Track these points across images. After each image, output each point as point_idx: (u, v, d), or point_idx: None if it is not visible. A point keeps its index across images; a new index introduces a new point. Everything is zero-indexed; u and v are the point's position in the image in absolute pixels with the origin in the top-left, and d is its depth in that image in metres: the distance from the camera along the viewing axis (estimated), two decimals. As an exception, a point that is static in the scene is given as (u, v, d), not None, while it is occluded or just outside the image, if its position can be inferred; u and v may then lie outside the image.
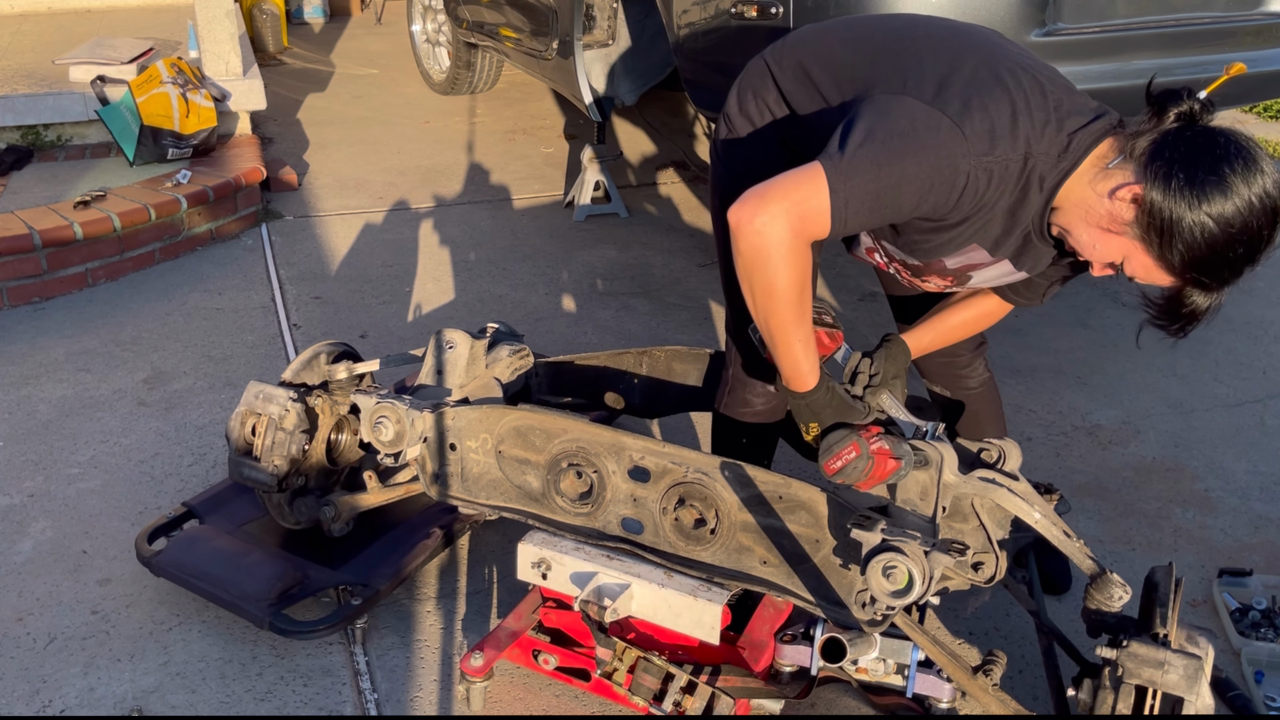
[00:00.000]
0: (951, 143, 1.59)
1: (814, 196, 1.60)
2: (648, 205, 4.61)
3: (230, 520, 2.44)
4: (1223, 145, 1.52)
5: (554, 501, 2.09)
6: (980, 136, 1.60)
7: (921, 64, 1.70)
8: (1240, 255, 1.53)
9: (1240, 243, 1.52)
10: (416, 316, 3.63)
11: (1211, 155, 1.51)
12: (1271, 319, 3.73)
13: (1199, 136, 1.54)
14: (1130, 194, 1.56)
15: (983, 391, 2.29)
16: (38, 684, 2.13)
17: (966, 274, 1.86)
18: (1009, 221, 1.71)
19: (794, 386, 1.80)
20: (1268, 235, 1.52)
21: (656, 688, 1.94)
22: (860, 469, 1.69)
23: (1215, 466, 2.91)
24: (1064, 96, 1.68)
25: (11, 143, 4.42)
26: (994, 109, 1.62)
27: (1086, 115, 1.66)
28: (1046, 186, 1.65)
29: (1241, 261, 1.54)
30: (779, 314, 1.69)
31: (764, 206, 1.61)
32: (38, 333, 3.45)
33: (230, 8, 4.57)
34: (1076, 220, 1.65)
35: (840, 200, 1.60)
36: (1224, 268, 1.54)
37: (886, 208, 1.64)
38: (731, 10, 3.17)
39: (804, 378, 1.78)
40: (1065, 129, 1.64)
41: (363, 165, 4.95)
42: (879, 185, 1.60)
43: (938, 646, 1.87)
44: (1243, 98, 3.72)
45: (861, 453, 1.69)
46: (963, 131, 1.59)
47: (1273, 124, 5.86)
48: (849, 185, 1.59)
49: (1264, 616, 2.33)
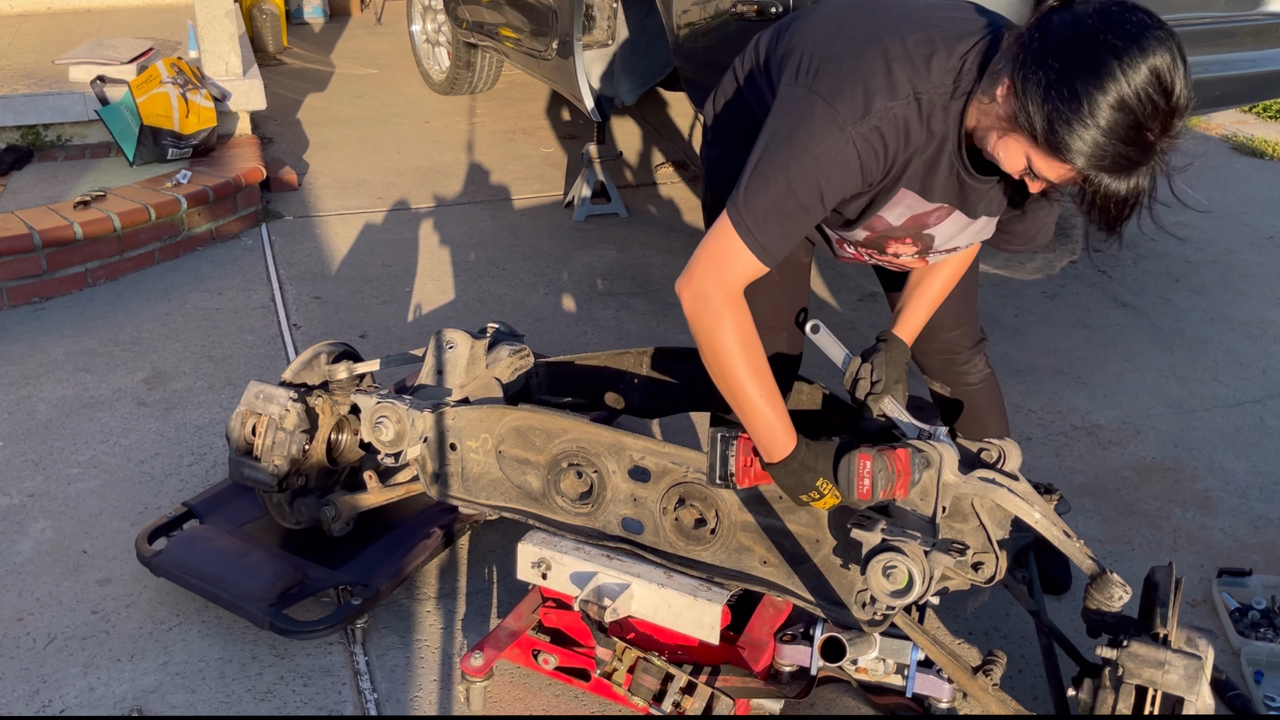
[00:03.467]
0: (825, 124, 1.61)
1: (727, 246, 1.68)
2: (648, 205, 4.61)
3: (230, 520, 2.44)
4: (1090, 22, 1.45)
5: (554, 501, 2.09)
6: (852, 105, 1.60)
7: (828, 49, 1.69)
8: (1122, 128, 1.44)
9: (1117, 119, 1.43)
10: (416, 316, 3.63)
11: (1077, 33, 1.45)
12: (1271, 319, 3.73)
13: (1067, 16, 1.47)
14: (1005, 88, 1.52)
15: (984, 388, 2.28)
16: (38, 684, 2.13)
17: (922, 230, 1.82)
18: (931, 162, 1.69)
19: (775, 456, 1.75)
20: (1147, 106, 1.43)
21: (656, 688, 1.94)
22: (884, 474, 1.67)
23: (1215, 466, 2.91)
24: (955, 23, 1.63)
25: (11, 143, 4.42)
26: (866, 70, 1.61)
27: (977, 34, 1.62)
28: (952, 115, 1.62)
29: (1127, 135, 1.44)
30: (734, 371, 1.71)
31: (691, 278, 1.71)
32: (38, 333, 3.45)
33: (230, 8, 4.57)
34: (982, 135, 1.61)
35: (747, 234, 1.66)
36: (1111, 146, 1.45)
37: (794, 215, 1.66)
38: (731, 10, 3.18)
39: (780, 441, 1.74)
40: (956, 53, 1.61)
41: (362, 165, 4.95)
42: (773, 199, 1.64)
43: (938, 646, 1.87)
44: (1243, 98, 3.72)
45: (873, 458, 1.67)
46: (834, 107, 1.60)
47: (1273, 124, 5.86)
48: (750, 216, 1.66)
49: (1263, 616, 2.33)
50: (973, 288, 2.22)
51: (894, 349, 1.98)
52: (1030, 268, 4.04)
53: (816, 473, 1.75)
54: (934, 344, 2.20)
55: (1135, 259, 4.16)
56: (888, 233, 1.84)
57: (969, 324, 2.22)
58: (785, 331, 2.19)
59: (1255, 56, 3.31)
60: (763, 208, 1.65)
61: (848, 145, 1.61)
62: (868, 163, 1.64)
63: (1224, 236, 4.39)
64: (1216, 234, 4.41)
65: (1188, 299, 3.85)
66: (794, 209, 1.65)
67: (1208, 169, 5.14)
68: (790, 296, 2.16)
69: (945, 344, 2.21)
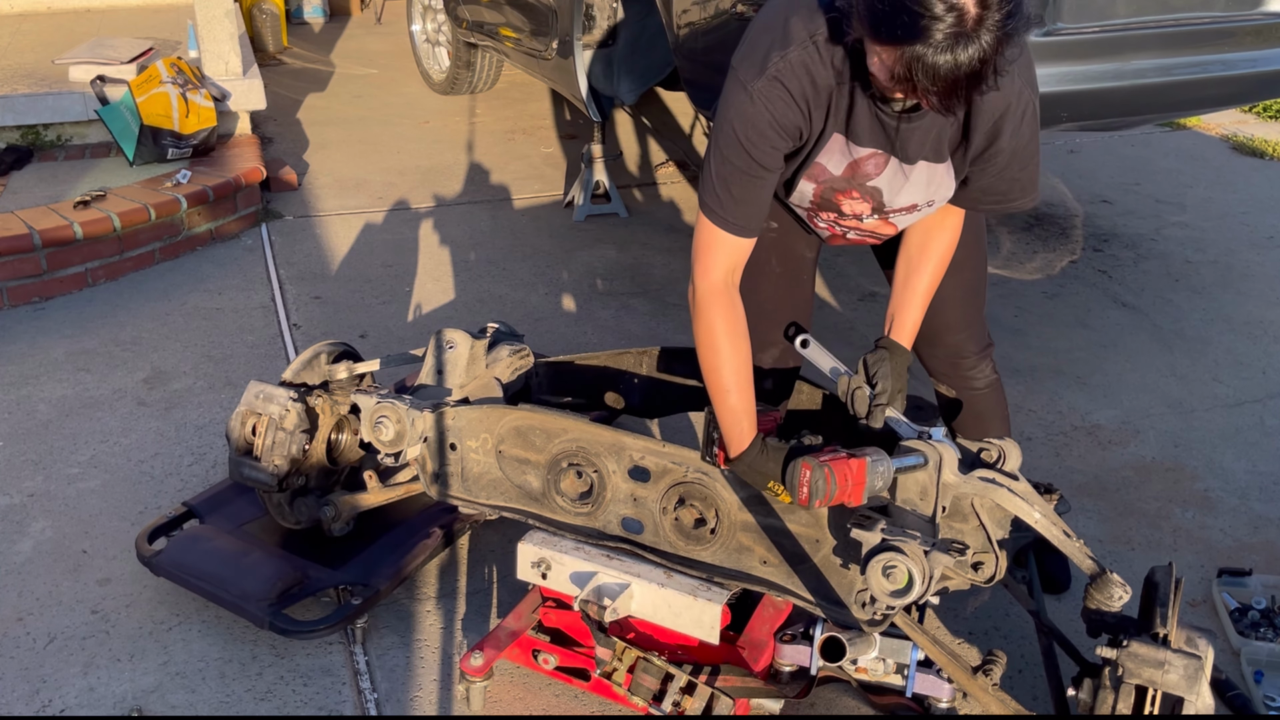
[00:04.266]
0: (733, 90, 1.73)
1: (705, 233, 1.82)
2: (648, 205, 4.61)
3: (230, 520, 2.44)
4: None
5: (554, 501, 2.09)
6: (751, 65, 1.71)
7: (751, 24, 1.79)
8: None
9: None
10: (416, 316, 3.63)
11: None
12: (1271, 319, 3.73)
13: None
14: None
15: (989, 393, 2.27)
16: (38, 684, 2.13)
17: (865, 182, 1.84)
18: (849, 103, 1.73)
19: (733, 451, 1.86)
20: None
21: (656, 688, 1.94)
22: (822, 482, 1.69)
23: (1215, 466, 2.91)
24: None
25: (11, 143, 4.42)
26: (767, 31, 1.72)
27: None
28: (849, 47, 1.64)
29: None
30: (715, 363, 1.83)
31: (691, 277, 1.85)
32: (38, 333, 3.45)
33: (230, 8, 4.57)
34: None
35: (711, 213, 1.80)
36: (894, 12, 1.45)
37: (738, 180, 1.77)
38: (731, 10, 3.17)
39: (738, 438, 1.84)
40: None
41: (362, 165, 4.95)
42: (717, 173, 1.78)
43: (938, 646, 1.87)
44: (1243, 98, 3.72)
45: (813, 467, 1.69)
46: (738, 73, 1.73)
47: (1273, 124, 5.86)
48: (709, 196, 1.80)
49: (1263, 616, 2.33)
50: (980, 292, 2.21)
51: (897, 357, 1.97)
52: (1030, 268, 4.04)
53: (766, 475, 1.83)
54: (939, 347, 2.20)
55: (1135, 259, 4.16)
56: (832, 184, 1.87)
57: (975, 328, 2.22)
58: (789, 323, 2.19)
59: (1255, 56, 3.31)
60: (713, 184, 1.79)
61: (752, 102, 1.71)
62: (778, 113, 1.72)
63: (1224, 236, 4.39)
64: (1216, 234, 4.41)
65: (1188, 299, 3.85)
66: (734, 174, 1.77)
67: (1208, 169, 5.14)
68: (791, 289, 2.17)
69: (951, 347, 2.20)
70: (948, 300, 2.10)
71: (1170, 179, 4.99)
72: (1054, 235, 4.33)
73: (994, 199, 1.90)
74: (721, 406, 1.84)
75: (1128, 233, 4.39)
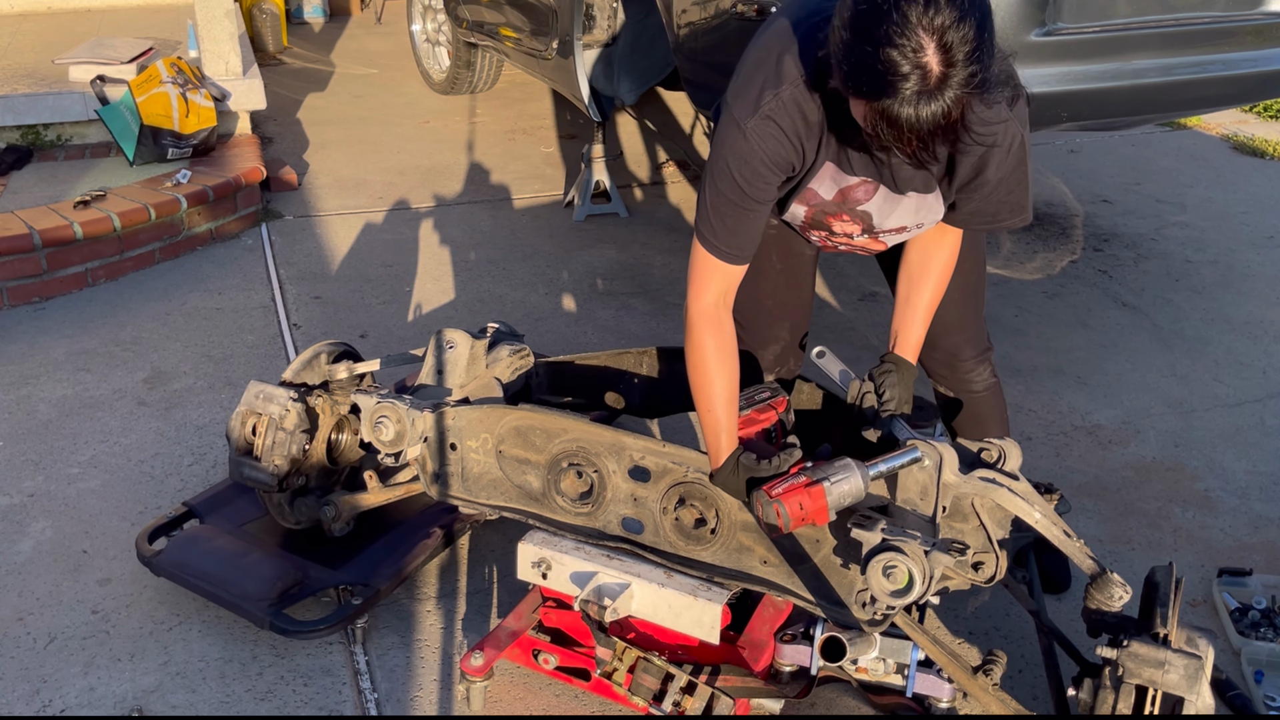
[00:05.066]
0: (728, 127, 1.76)
1: (698, 259, 1.85)
2: (648, 205, 4.61)
3: (230, 520, 2.44)
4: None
5: (554, 501, 2.09)
6: (745, 102, 1.73)
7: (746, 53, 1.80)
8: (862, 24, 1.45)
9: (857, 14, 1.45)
10: (416, 316, 3.63)
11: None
12: (1271, 319, 3.73)
13: None
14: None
15: (987, 395, 2.28)
16: (38, 684, 2.13)
17: (855, 206, 1.87)
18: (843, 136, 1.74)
19: (711, 464, 1.92)
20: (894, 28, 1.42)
21: (656, 688, 1.94)
22: (773, 516, 1.73)
23: (1215, 466, 2.91)
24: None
25: (11, 142, 4.42)
26: (761, 67, 1.73)
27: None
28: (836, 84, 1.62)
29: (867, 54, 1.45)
30: (703, 382, 1.86)
31: (686, 299, 1.88)
32: (38, 333, 3.45)
33: (230, 8, 4.57)
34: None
35: (706, 241, 1.83)
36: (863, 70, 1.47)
37: (731, 211, 1.79)
38: (731, 10, 3.17)
39: (716, 452, 1.89)
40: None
41: (362, 165, 4.95)
42: (711, 204, 1.80)
43: (938, 646, 1.87)
44: (1243, 97, 3.72)
45: (763, 504, 1.74)
46: (733, 109, 1.75)
47: (1273, 124, 5.86)
48: (704, 225, 1.83)
49: (1264, 616, 2.33)
50: (978, 296, 2.22)
51: (903, 372, 2.01)
52: (1030, 268, 4.04)
53: (739, 491, 1.86)
54: (937, 349, 2.20)
55: (1135, 259, 4.16)
56: (823, 207, 1.90)
57: (974, 331, 2.22)
58: (787, 320, 2.21)
59: (1255, 56, 3.31)
60: (708, 213, 1.82)
61: (746, 139, 1.74)
62: (771, 150, 1.74)
63: (1224, 236, 4.39)
64: (1216, 234, 4.41)
65: (1188, 299, 3.85)
66: (728, 206, 1.79)
67: (1208, 169, 5.14)
68: (792, 285, 2.18)
69: (949, 350, 2.21)
70: (945, 303, 2.11)
71: (1170, 179, 5.00)
72: (1054, 235, 4.33)
73: (984, 220, 1.93)
74: (704, 419, 1.89)
75: (1128, 233, 4.39)
